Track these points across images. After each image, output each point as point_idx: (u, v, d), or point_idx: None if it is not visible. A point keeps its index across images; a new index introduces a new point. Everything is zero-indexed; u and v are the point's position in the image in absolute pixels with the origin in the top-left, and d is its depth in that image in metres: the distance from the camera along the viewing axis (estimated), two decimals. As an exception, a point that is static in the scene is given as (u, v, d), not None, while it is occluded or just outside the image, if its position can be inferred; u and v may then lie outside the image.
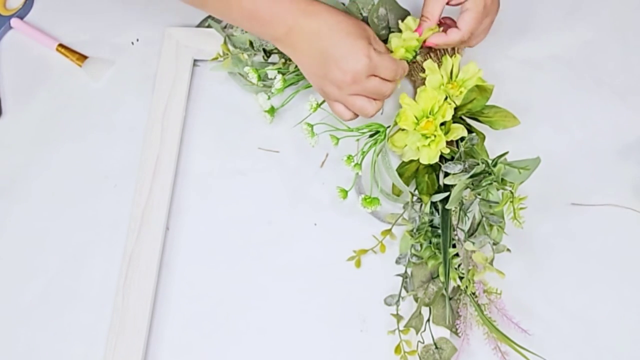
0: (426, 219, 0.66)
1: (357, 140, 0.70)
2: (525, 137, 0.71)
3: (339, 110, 0.65)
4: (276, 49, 0.73)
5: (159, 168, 0.71)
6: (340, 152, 0.69)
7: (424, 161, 0.65)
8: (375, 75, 0.62)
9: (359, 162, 0.66)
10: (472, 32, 0.66)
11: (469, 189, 0.62)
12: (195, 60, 0.77)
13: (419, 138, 0.66)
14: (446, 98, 0.67)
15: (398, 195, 0.69)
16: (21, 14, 0.82)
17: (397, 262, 0.66)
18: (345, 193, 0.66)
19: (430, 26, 0.66)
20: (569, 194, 0.69)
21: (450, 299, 0.63)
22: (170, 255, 0.69)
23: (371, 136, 0.68)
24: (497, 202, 0.60)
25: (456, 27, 0.65)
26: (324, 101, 0.69)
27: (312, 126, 0.67)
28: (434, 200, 0.66)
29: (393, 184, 0.69)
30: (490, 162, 0.60)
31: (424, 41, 0.66)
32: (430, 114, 0.66)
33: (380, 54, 0.62)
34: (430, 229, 0.65)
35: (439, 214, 0.65)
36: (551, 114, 0.73)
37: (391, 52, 0.67)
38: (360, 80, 0.62)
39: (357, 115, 0.65)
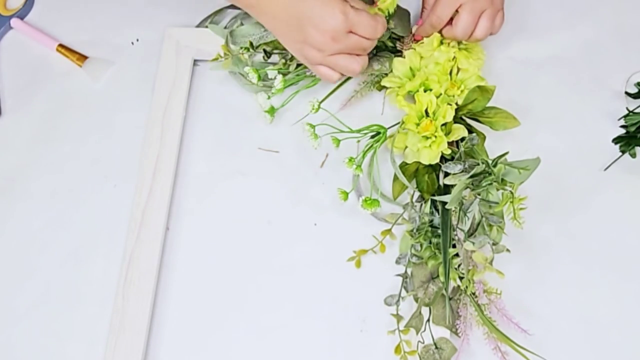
0: (426, 219, 0.66)
1: (358, 141, 0.70)
2: (525, 138, 0.70)
3: (324, 72, 0.65)
4: (277, 49, 0.74)
5: (159, 168, 0.71)
6: (340, 153, 0.69)
7: (425, 161, 0.65)
8: (354, 33, 0.62)
9: (360, 164, 0.67)
10: (441, 18, 0.66)
11: (469, 189, 0.62)
12: (195, 60, 0.77)
13: (419, 139, 0.66)
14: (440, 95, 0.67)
15: (397, 196, 0.69)
16: (21, 14, 0.82)
17: (397, 262, 0.66)
18: (345, 195, 0.66)
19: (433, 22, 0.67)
20: (569, 194, 0.69)
21: (450, 299, 0.63)
22: (170, 255, 0.69)
23: (372, 137, 0.68)
24: (497, 203, 0.60)
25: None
26: (324, 99, 0.69)
27: (314, 127, 0.67)
28: (434, 199, 0.66)
29: (393, 186, 0.69)
30: (490, 162, 0.60)
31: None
32: (427, 115, 0.66)
33: (356, 10, 0.62)
34: (430, 229, 0.65)
35: (439, 214, 0.65)
36: (551, 114, 0.73)
37: None
38: (339, 39, 0.62)
39: (343, 75, 0.66)
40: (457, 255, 0.64)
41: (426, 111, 0.66)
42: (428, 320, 0.63)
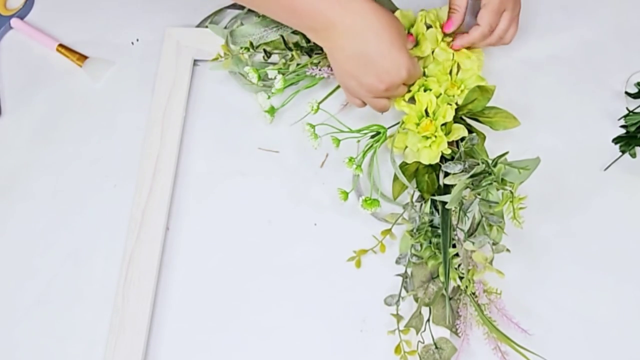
0: (426, 219, 0.66)
1: (358, 141, 0.70)
2: (525, 137, 0.70)
3: (356, 103, 0.67)
4: (277, 49, 0.74)
5: (159, 168, 0.71)
6: (340, 153, 0.69)
7: (425, 161, 0.65)
8: (404, 84, 0.64)
9: (360, 164, 0.67)
10: (492, 26, 0.67)
11: (469, 189, 0.62)
12: (195, 60, 0.77)
13: (419, 139, 0.66)
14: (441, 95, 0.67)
15: (397, 196, 0.69)
16: (21, 14, 0.82)
17: (397, 262, 0.66)
18: (345, 195, 0.66)
19: (460, 18, 0.68)
20: (569, 194, 0.69)
21: (450, 299, 0.63)
22: (170, 255, 0.69)
23: (372, 137, 0.68)
24: (496, 202, 0.60)
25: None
26: (323, 100, 0.69)
27: (314, 127, 0.67)
28: (434, 199, 0.66)
29: (393, 186, 0.69)
30: (490, 162, 0.60)
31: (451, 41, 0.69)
32: (427, 114, 0.66)
33: (415, 66, 0.63)
34: (430, 229, 0.65)
35: (439, 214, 0.65)
36: (551, 114, 0.73)
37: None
38: (391, 89, 0.63)
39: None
40: (457, 255, 0.64)
41: (426, 111, 0.66)
42: (428, 320, 0.63)
